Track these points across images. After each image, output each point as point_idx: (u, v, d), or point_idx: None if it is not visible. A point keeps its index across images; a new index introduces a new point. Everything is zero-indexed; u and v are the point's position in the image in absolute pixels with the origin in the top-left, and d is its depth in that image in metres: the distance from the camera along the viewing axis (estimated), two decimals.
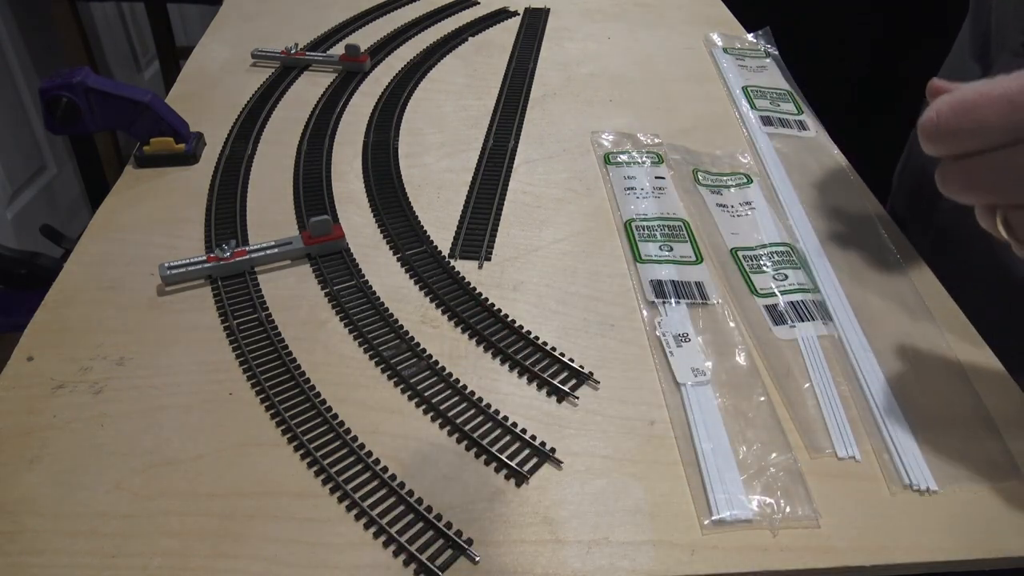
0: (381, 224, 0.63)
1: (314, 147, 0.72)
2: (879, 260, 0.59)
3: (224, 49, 0.90)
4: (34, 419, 0.46)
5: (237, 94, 0.80)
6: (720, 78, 0.85)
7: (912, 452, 0.44)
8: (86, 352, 0.50)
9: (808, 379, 0.49)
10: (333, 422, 0.45)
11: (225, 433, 0.45)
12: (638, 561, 0.39)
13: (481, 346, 0.51)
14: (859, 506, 0.42)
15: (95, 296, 0.55)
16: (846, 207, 0.65)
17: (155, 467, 0.43)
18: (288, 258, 0.58)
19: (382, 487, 0.42)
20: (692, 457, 0.44)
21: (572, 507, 0.42)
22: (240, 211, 0.63)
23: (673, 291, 0.55)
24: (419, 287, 0.56)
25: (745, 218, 0.63)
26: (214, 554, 0.39)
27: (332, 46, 0.91)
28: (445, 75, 0.86)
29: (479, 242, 0.60)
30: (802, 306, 0.54)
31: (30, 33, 1.63)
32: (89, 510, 0.41)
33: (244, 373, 0.49)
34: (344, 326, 0.53)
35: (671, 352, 0.50)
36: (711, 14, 1.01)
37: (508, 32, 0.96)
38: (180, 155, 0.69)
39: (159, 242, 0.60)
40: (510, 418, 0.46)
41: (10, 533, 0.40)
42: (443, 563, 0.39)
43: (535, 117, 0.78)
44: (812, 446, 0.45)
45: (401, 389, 0.48)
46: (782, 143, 0.73)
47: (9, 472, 0.43)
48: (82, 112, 0.65)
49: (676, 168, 0.69)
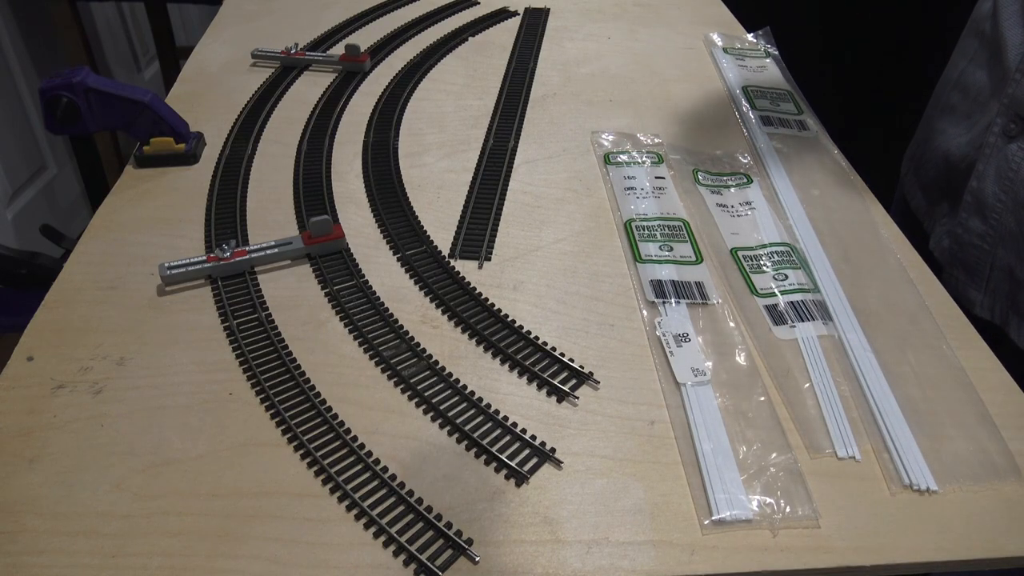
0: (381, 224, 0.63)
1: (314, 147, 0.72)
2: (879, 260, 0.59)
3: (224, 49, 0.90)
4: (34, 419, 0.46)
5: (237, 94, 0.80)
6: (720, 78, 0.85)
7: (912, 452, 0.44)
8: (86, 352, 0.50)
9: (808, 379, 0.49)
10: (333, 422, 0.45)
11: (225, 433, 0.45)
12: (638, 561, 0.39)
13: (481, 346, 0.51)
14: (859, 506, 0.42)
15: (95, 296, 0.55)
16: (846, 207, 0.65)
17: (155, 467, 0.43)
18: (288, 258, 0.58)
19: (382, 487, 0.42)
20: (692, 457, 0.44)
21: (572, 507, 0.42)
22: (240, 211, 0.63)
23: (673, 291, 0.55)
24: (419, 287, 0.56)
25: (745, 218, 0.63)
26: (214, 554, 0.39)
27: (332, 46, 0.91)
28: (445, 75, 0.86)
29: (479, 242, 0.60)
30: (802, 306, 0.54)
31: (30, 33, 1.62)
32: (89, 510, 0.41)
33: (244, 373, 0.49)
34: (344, 326, 0.53)
35: (671, 352, 0.50)
36: (711, 14, 1.01)
37: (508, 32, 0.96)
38: (180, 155, 0.69)
39: (159, 242, 0.60)
40: (510, 418, 0.46)
41: (10, 533, 0.40)
42: (443, 563, 0.39)
43: (535, 117, 0.78)
44: (812, 446, 0.45)
45: (401, 389, 0.48)
46: (782, 143, 0.73)
47: (9, 472, 0.43)
48: (82, 112, 0.65)
49: (676, 168, 0.69)
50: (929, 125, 0.76)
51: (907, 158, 0.81)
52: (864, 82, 1.56)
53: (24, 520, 0.40)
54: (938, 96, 0.75)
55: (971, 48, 0.70)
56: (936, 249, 0.70)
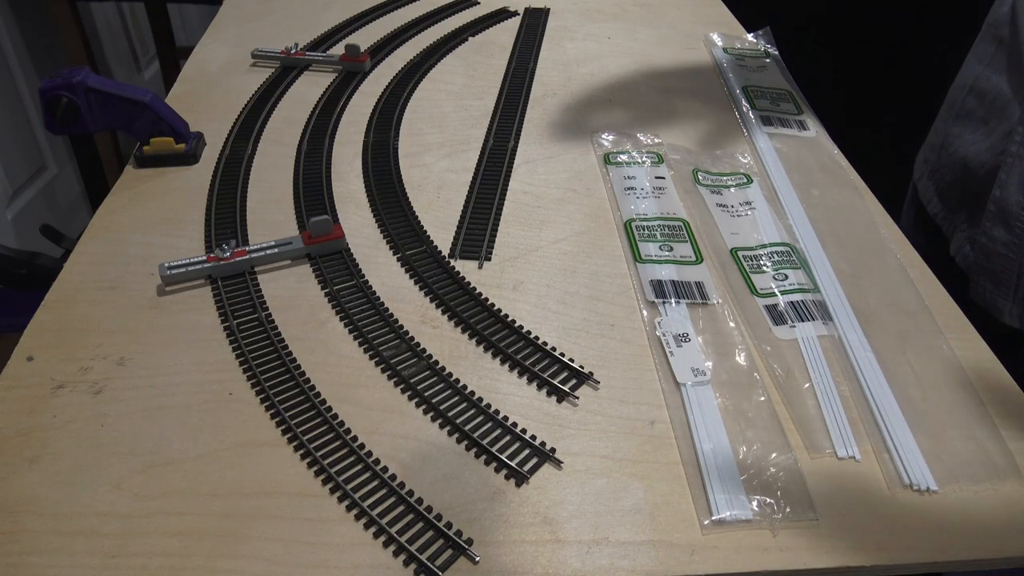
0: (381, 224, 0.63)
1: (314, 147, 0.72)
2: (879, 260, 0.59)
3: (224, 49, 0.90)
4: (34, 419, 0.46)
5: (237, 94, 0.80)
6: (720, 78, 0.85)
7: (912, 452, 0.44)
8: (86, 352, 0.50)
9: (808, 379, 0.49)
10: (333, 422, 0.45)
11: (225, 433, 0.45)
12: (638, 561, 0.39)
13: (481, 346, 0.51)
14: (859, 506, 0.42)
15: (95, 296, 0.55)
16: (846, 207, 0.65)
17: (155, 467, 0.43)
18: (288, 258, 0.58)
19: (382, 487, 0.42)
20: (692, 457, 0.44)
21: (572, 507, 0.42)
22: (240, 211, 0.63)
23: (673, 291, 0.55)
24: (419, 287, 0.56)
25: (745, 218, 0.63)
26: (214, 554, 0.39)
27: (332, 46, 0.91)
28: (445, 75, 0.86)
29: (479, 242, 0.60)
30: (802, 306, 0.54)
31: (30, 33, 1.62)
32: (89, 510, 0.41)
33: (244, 373, 0.49)
34: (344, 326, 0.53)
35: (671, 352, 0.50)
36: (711, 14, 1.01)
37: (508, 32, 0.96)
38: (180, 155, 0.69)
39: (159, 242, 0.60)
40: (510, 418, 0.46)
41: (10, 533, 0.40)
42: (443, 563, 0.39)
43: (535, 117, 0.78)
44: (812, 446, 0.45)
45: (401, 389, 0.48)
46: (782, 143, 0.73)
47: (9, 472, 0.43)
48: (82, 112, 0.65)
49: (676, 168, 0.69)
50: (944, 129, 0.75)
51: (920, 161, 0.80)
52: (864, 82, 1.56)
53: (24, 520, 0.40)
54: (952, 100, 0.75)
55: (988, 53, 0.70)
56: (958, 256, 0.69)
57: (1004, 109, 0.66)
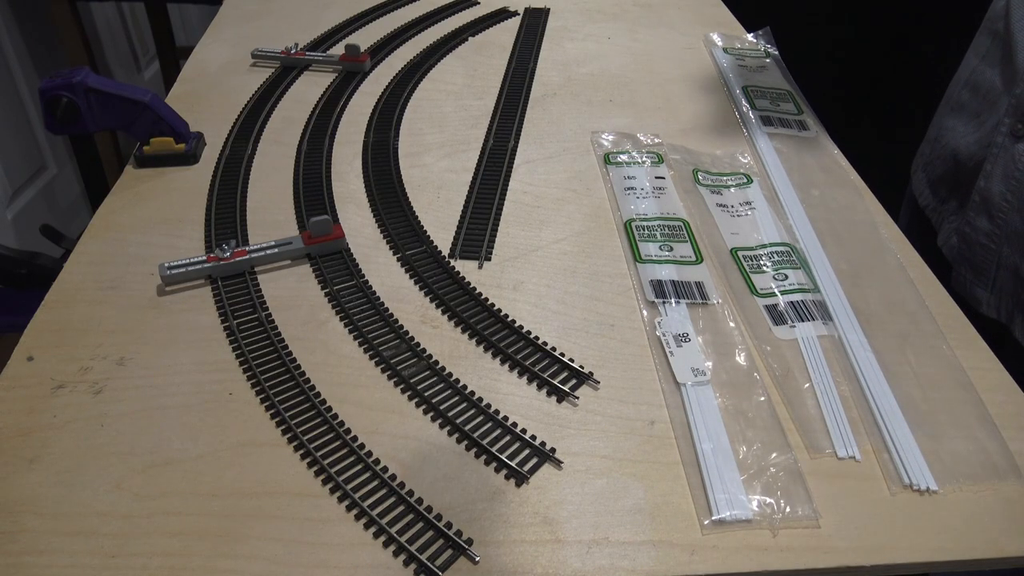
0: (381, 224, 0.63)
1: (314, 147, 0.72)
2: (879, 260, 0.59)
3: (224, 49, 0.90)
4: (34, 419, 0.46)
5: (237, 94, 0.80)
6: (720, 78, 0.85)
7: (912, 452, 0.44)
8: (86, 352, 0.50)
9: (808, 379, 0.49)
10: (333, 422, 0.45)
11: (225, 433, 0.45)
12: (638, 561, 0.39)
13: (481, 346, 0.51)
14: (859, 506, 0.42)
15: (95, 296, 0.55)
16: (846, 207, 0.65)
17: (155, 467, 0.43)
18: (288, 258, 0.58)
19: (382, 487, 0.42)
20: (692, 457, 0.44)
21: (572, 507, 0.42)
22: (240, 211, 0.63)
23: (673, 291, 0.55)
24: (419, 287, 0.56)
25: (745, 218, 0.63)
26: (214, 554, 0.39)
27: (332, 46, 0.91)
28: (445, 75, 0.86)
29: (479, 242, 0.60)
30: (802, 306, 0.54)
31: (30, 33, 1.62)
32: (89, 510, 0.41)
33: (244, 373, 0.49)
34: (344, 326, 0.53)
35: (671, 352, 0.50)
36: (711, 14, 1.01)
37: (508, 32, 0.96)
38: (180, 155, 0.69)
39: (159, 242, 0.60)
40: (510, 418, 0.46)
41: (10, 533, 0.40)
42: (443, 563, 0.39)
43: (535, 117, 0.78)
44: (812, 446, 0.45)
45: (401, 389, 0.48)
46: (782, 143, 0.73)
47: (9, 472, 0.43)
48: (82, 112, 0.65)
49: (676, 168, 0.69)
50: (939, 123, 0.76)
51: (917, 155, 0.81)
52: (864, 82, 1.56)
53: (24, 520, 0.40)
54: (949, 94, 0.75)
55: (984, 46, 0.70)
56: (945, 246, 0.70)
57: (995, 102, 0.66)
